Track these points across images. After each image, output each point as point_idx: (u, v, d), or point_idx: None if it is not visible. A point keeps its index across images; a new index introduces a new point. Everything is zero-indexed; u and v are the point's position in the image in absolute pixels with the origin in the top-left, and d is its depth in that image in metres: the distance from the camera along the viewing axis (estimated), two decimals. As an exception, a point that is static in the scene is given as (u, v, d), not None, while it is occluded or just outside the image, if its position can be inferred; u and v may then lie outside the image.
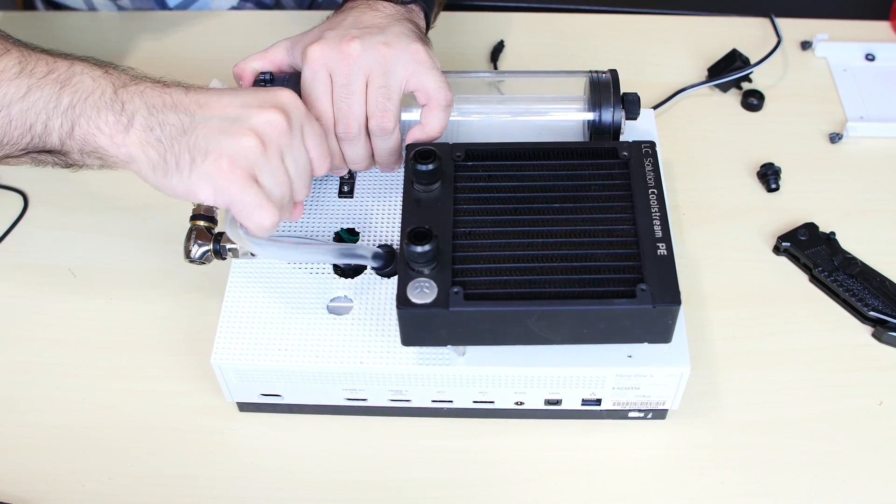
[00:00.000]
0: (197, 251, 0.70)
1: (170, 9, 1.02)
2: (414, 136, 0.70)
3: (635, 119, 0.75)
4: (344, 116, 0.67)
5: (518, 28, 1.00)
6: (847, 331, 0.76)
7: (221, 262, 0.72)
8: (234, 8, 1.05)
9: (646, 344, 0.64)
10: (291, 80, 0.70)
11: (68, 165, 0.63)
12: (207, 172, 0.58)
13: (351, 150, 0.69)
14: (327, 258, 0.68)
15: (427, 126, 0.69)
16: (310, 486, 0.68)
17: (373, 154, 0.71)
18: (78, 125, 0.60)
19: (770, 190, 0.84)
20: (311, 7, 1.12)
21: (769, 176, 0.84)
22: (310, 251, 0.67)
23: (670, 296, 0.60)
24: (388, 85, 0.67)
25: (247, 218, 0.60)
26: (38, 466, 0.69)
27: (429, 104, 0.69)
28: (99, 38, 1.00)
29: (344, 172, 0.73)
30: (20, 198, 0.85)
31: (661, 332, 0.62)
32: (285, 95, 0.62)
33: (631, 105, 0.74)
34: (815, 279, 0.78)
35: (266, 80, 0.70)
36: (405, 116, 0.73)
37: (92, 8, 1.03)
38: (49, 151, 0.63)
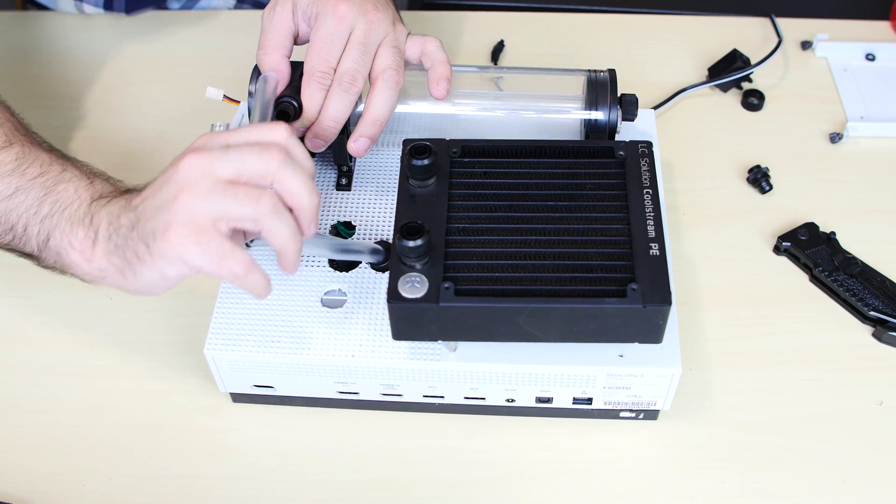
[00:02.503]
0: None
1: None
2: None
3: (632, 120, 0.75)
4: (354, 69, 0.69)
5: (518, 28, 1.00)
6: (847, 331, 0.75)
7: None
8: (231, 9, 1.05)
9: (637, 344, 0.64)
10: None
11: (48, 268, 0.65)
12: (164, 248, 0.55)
13: (340, 103, 0.69)
14: (325, 252, 0.68)
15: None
16: (309, 486, 0.68)
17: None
18: (52, 237, 0.62)
19: (764, 192, 0.84)
20: None
21: (760, 179, 0.84)
22: (310, 243, 0.65)
23: (661, 296, 0.60)
24: (398, 47, 0.72)
25: (224, 272, 0.56)
26: (38, 466, 0.69)
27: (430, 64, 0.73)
28: (99, 39, 1.00)
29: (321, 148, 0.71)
30: (22, 199, 0.85)
31: (651, 332, 0.62)
32: (194, 172, 0.57)
33: (628, 106, 0.74)
34: (815, 279, 0.78)
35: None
36: (401, 109, 0.75)
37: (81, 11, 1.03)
38: (28, 255, 0.65)
